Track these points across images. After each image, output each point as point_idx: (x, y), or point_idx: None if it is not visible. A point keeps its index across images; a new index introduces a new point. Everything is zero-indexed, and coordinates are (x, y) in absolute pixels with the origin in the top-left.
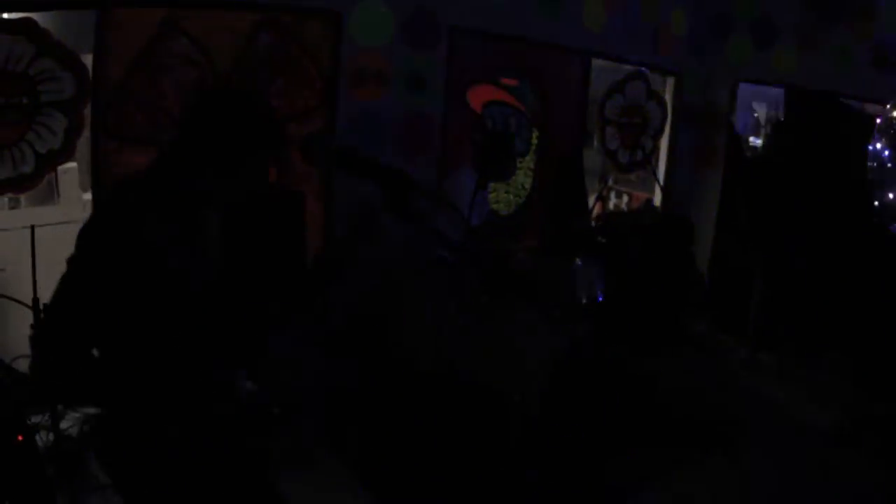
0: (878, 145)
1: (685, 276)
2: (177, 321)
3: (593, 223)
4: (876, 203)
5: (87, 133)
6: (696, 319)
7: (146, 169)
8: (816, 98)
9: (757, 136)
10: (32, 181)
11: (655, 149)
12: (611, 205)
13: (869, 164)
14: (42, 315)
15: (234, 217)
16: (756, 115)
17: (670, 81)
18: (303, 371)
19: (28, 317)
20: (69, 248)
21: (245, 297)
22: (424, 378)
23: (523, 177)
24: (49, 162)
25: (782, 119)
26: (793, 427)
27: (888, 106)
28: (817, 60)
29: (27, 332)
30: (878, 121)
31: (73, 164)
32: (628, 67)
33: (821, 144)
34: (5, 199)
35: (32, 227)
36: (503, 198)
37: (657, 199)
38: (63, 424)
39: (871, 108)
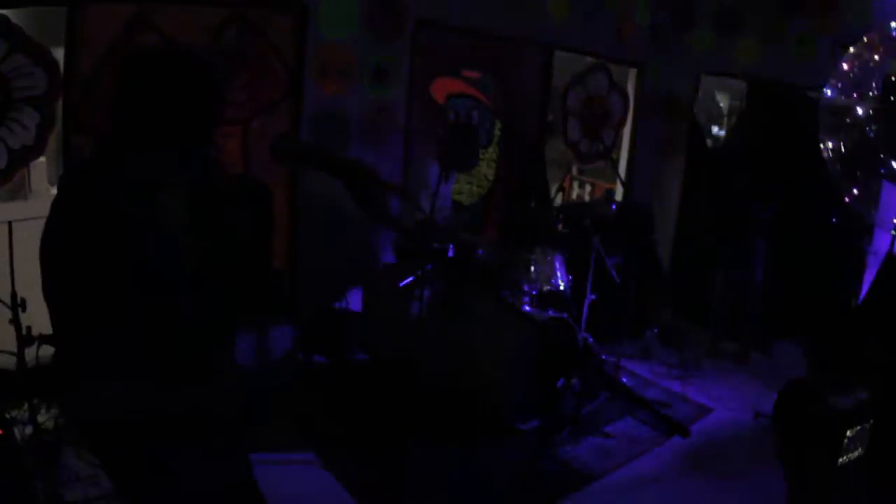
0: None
1: (647, 264)
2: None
3: (555, 213)
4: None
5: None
6: (659, 307)
7: (97, 152)
8: (779, 89)
9: (719, 126)
10: (5, 177)
11: (617, 139)
12: (573, 195)
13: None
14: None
15: (203, 206)
16: (720, 105)
17: (632, 73)
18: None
19: (5, 313)
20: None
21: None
22: (387, 369)
23: (486, 168)
24: (22, 157)
25: (745, 110)
26: (750, 415)
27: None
28: (781, 52)
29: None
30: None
31: (41, 159)
32: (590, 59)
33: (783, 135)
34: None
35: (10, 224)
36: (466, 189)
37: (618, 190)
38: (41, 418)
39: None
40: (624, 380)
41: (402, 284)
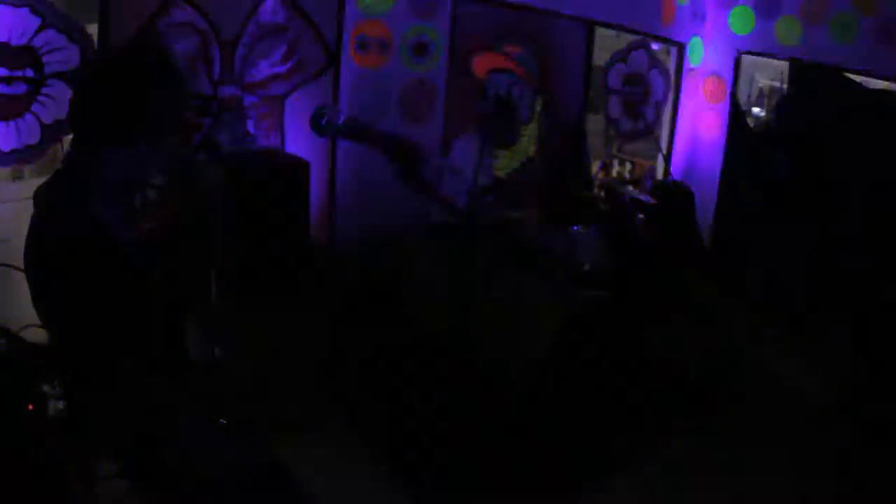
0: None
1: (688, 244)
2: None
3: (596, 191)
4: None
5: None
6: (699, 287)
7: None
8: (821, 71)
9: (760, 107)
10: (39, 151)
11: (658, 117)
12: (613, 172)
13: None
14: None
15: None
16: (759, 85)
17: (673, 51)
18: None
19: None
20: None
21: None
22: (428, 342)
23: (526, 144)
24: (55, 132)
25: (786, 91)
26: (791, 396)
27: None
28: (821, 33)
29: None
30: None
31: None
32: (631, 36)
33: (826, 118)
34: (8, 170)
35: None
36: (506, 165)
37: (659, 168)
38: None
39: (874, 82)
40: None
41: (443, 258)
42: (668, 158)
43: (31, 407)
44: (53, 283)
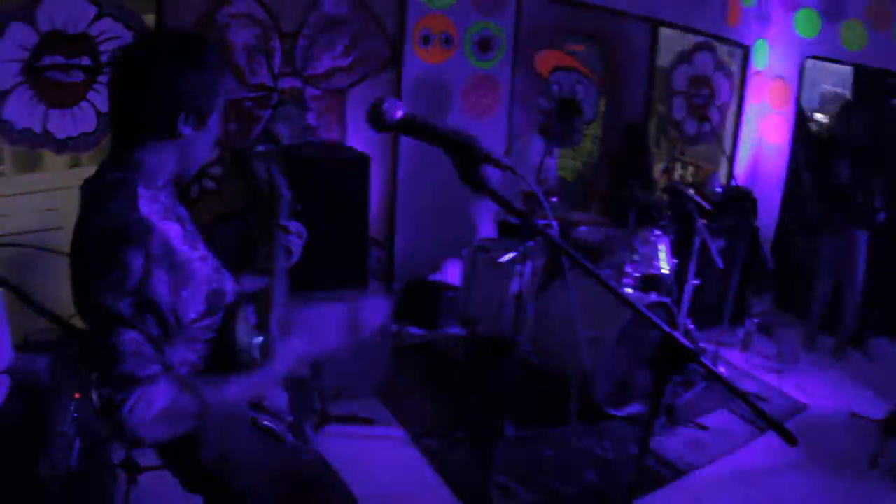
0: None
1: (749, 251)
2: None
3: (659, 194)
4: None
5: None
6: (759, 296)
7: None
8: (886, 77)
9: (824, 113)
10: (95, 140)
11: (723, 121)
12: (676, 176)
13: None
14: None
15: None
16: (822, 91)
17: (738, 53)
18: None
19: None
20: None
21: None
22: (483, 345)
23: (590, 144)
24: None
25: (850, 98)
26: (844, 414)
27: None
28: (886, 38)
29: None
30: None
31: None
32: (696, 38)
33: (889, 125)
34: (66, 157)
35: None
36: (570, 165)
37: (723, 172)
38: None
39: None
40: (722, 370)
41: (501, 260)
42: (731, 163)
43: (77, 395)
44: (91, 280)
